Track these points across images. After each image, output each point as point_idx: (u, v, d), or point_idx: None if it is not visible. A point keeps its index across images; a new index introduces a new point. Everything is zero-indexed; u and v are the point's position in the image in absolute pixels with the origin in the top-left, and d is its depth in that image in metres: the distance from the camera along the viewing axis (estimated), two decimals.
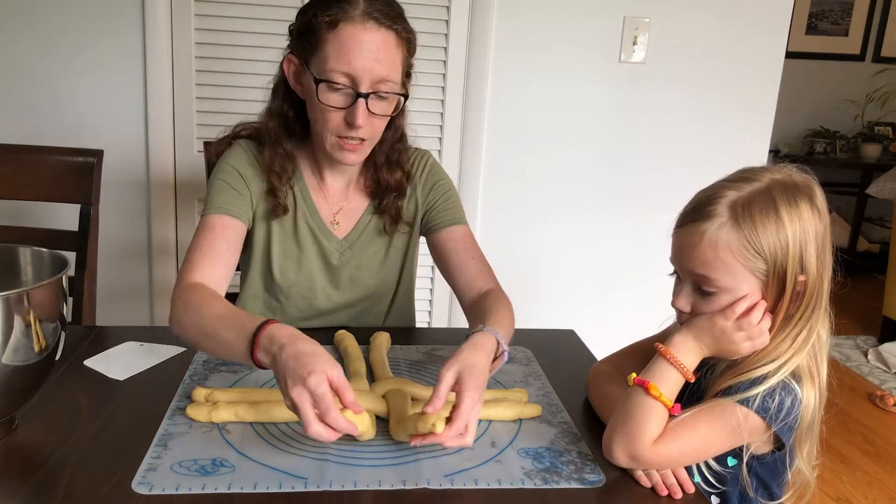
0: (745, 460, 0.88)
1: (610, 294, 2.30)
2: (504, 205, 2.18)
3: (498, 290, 1.19)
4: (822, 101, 4.70)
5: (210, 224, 1.15)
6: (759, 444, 0.88)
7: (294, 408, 0.80)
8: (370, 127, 1.12)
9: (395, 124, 1.21)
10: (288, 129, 1.20)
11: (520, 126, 2.14)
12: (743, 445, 0.87)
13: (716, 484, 0.90)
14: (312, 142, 1.22)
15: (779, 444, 0.88)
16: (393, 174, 1.24)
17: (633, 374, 0.88)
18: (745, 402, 0.84)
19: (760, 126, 2.25)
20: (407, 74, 1.16)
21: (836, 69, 4.72)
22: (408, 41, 1.12)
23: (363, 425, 0.81)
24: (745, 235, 0.83)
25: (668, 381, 0.86)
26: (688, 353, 0.88)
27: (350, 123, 1.10)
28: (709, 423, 0.85)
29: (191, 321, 0.98)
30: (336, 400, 0.81)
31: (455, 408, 0.86)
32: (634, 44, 2.12)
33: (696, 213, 0.87)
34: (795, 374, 0.87)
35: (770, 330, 0.86)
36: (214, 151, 1.28)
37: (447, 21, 2.03)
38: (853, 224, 4.50)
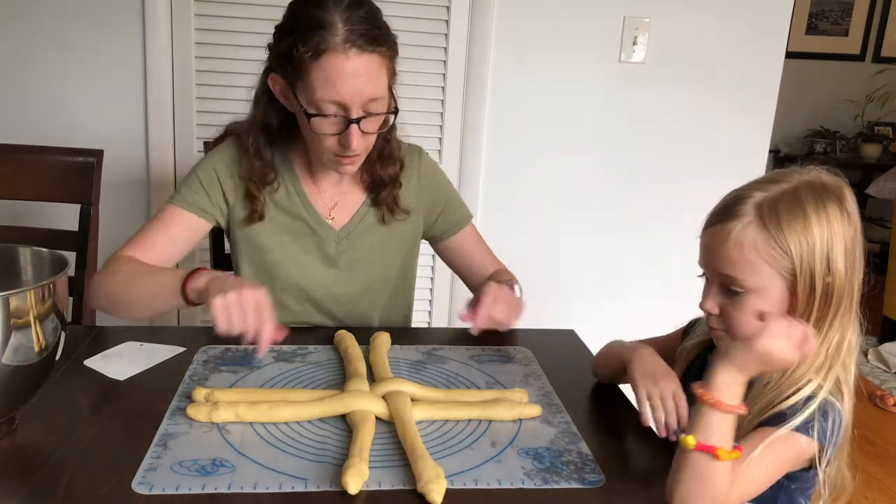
0: (821, 482, 0.86)
1: (610, 294, 2.30)
2: (504, 205, 2.18)
3: (502, 270, 1.35)
4: (822, 101, 4.70)
5: (166, 214, 1.21)
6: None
7: (233, 303, 0.90)
8: (364, 144, 1.15)
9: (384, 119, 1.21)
10: (270, 138, 1.21)
11: (520, 126, 2.14)
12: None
13: None
14: (306, 144, 1.22)
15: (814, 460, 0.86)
16: (386, 168, 1.25)
17: (691, 440, 0.79)
18: (804, 431, 0.82)
19: (760, 126, 2.25)
20: (391, 76, 1.15)
21: (836, 69, 4.72)
22: (391, 57, 1.12)
23: (355, 486, 0.80)
24: (771, 235, 0.83)
25: (726, 430, 0.79)
26: (736, 389, 0.80)
27: (345, 146, 1.11)
28: (775, 456, 0.82)
29: (119, 276, 1.07)
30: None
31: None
32: (634, 44, 2.12)
33: (724, 213, 0.87)
34: (833, 385, 0.85)
35: None
36: (207, 151, 1.30)
37: (447, 21, 2.03)
38: None
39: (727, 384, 0.80)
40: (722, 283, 0.88)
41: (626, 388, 1.11)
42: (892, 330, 3.46)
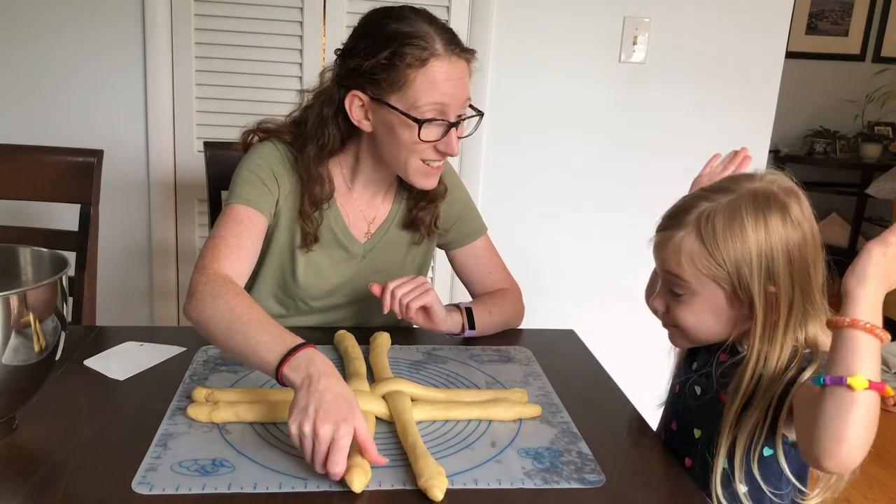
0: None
1: (610, 294, 2.30)
2: (504, 205, 2.18)
3: (508, 290, 1.33)
4: (822, 101, 4.69)
5: (238, 215, 1.15)
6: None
7: (308, 435, 0.80)
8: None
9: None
10: (331, 155, 1.21)
11: (519, 126, 2.14)
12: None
13: (745, 475, 0.88)
14: (359, 158, 1.23)
15: None
16: (440, 185, 1.27)
17: (861, 379, 0.70)
18: (817, 381, 0.76)
19: (760, 126, 2.25)
20: None
21: (836, 69, 4.72)
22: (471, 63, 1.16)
23: (360, 484, 0.80)
24: (706, 248, 0.86)
25: (878, 364, 0.72)
26: (878, 309, 0.73)
27: (444, 152, 1.14)
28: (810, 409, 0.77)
29: (219, 313, 0.96)
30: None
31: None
32: (634, 44, 2.12)
33: (670, 219, 0.91)
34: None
35: (759, 336, 0.86)
36: (244, 141, 1.27)
37: (447, 21, 2.03)
38: (853, 224, 4.49)
39: (874, 306, 0.72)
40: (667, 282, 0.92)
41: (626, 389, 1.11)
42: (892, 330, 3.44)
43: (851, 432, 0.70)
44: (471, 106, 1.17)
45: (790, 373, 0.85)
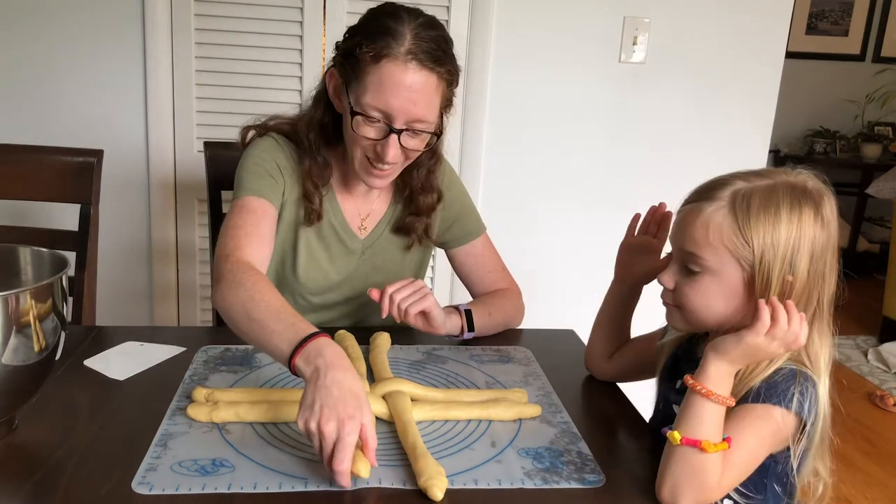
0: (795, 457, 0.86)
1: None
2: (504, 205, 2.18)
3: (508, 289, 1.34)
4: (822, 101, 4.69)
5: (251, 206, 1.15)
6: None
7: (314, 433, 0.79)
8: (400, 158, 1.13)
9: (433, 148, 1.22)
10: (325, 138, 1.21)
11: (520, 126, 2.14)
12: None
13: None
14: (345, 150, 1.23)
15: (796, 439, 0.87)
16: (428, 197, 1.26)
17: (677, 435, 0.81)
18: (779, 402, 0.83)
19: (761, 126, 2.25)
20: (446, 106, 1.16)
21: (836, 69, 4.72)
22: (449, 81, 1.12)
23: (366, 470, 0.80)
24: (738, 223, 0.85)
25: (716, 422, 0.82)
26: (726, 381, 0.83)
27: (381, 155, 1.11)
28: (755, 436, 0.83)
29: (240, 301, 0.96)
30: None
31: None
32: (634, 44, 2.12)
33: (702, 193, 0.89)
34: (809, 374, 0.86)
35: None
36: (243, 137, 1.28)
37: (447, 21, 2.03)
38: (853, 224, 4.49)
39: (717, 375, 0.83)
40: (683, 259, 0.90)
41: (625, 388, 1.12)
42: (892, 330, 3.46)
43: (669, 475, 0.82)
44: (436, 133, 1.14)
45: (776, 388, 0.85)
